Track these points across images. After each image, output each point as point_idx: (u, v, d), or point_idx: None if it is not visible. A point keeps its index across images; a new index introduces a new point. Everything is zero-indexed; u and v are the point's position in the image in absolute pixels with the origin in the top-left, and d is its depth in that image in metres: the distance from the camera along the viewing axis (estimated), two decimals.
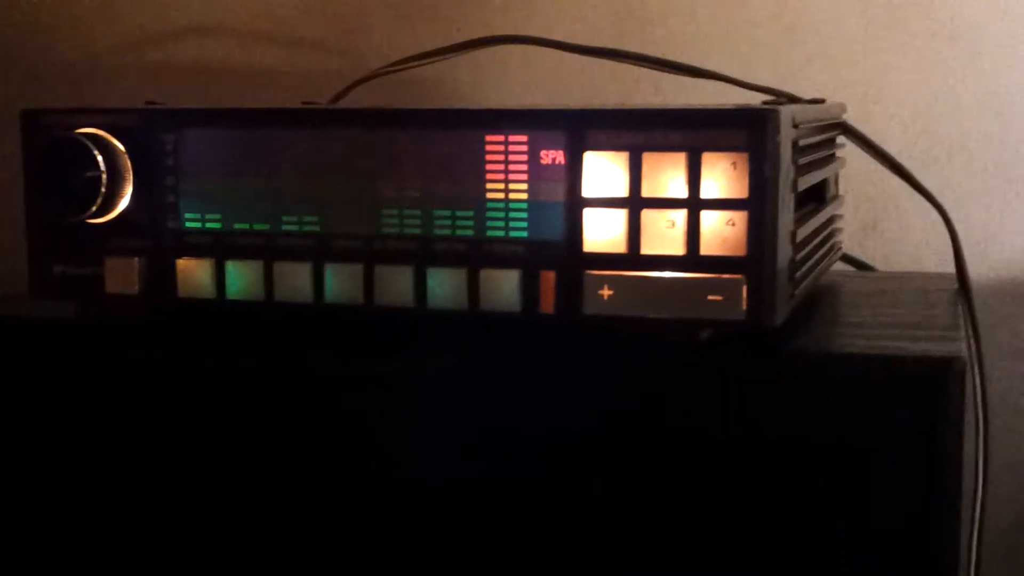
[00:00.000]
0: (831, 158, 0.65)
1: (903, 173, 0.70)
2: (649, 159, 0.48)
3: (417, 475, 0.52)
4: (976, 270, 0.90)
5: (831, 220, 0.66)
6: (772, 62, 0.88)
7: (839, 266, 0.75)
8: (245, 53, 0.96)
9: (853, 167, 0.76)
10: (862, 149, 0.70)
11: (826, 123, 0.61)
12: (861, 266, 0.78)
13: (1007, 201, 0.89)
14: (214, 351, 0.54)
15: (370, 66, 0.78)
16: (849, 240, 0.87)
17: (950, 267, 0.68)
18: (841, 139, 0.69)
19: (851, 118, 0.70)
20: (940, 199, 0.70)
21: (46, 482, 0.56)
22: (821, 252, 0.61)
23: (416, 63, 0.75)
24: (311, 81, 0.94)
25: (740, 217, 0.47)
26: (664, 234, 0.48)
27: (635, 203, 0.48)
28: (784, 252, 0.49)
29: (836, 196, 0.68)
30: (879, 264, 0.84)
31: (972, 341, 0.61)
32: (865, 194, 0.90)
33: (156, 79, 0.96)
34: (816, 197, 0.62)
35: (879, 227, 0.91)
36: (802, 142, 0.52)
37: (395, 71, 0.78)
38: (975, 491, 0.59)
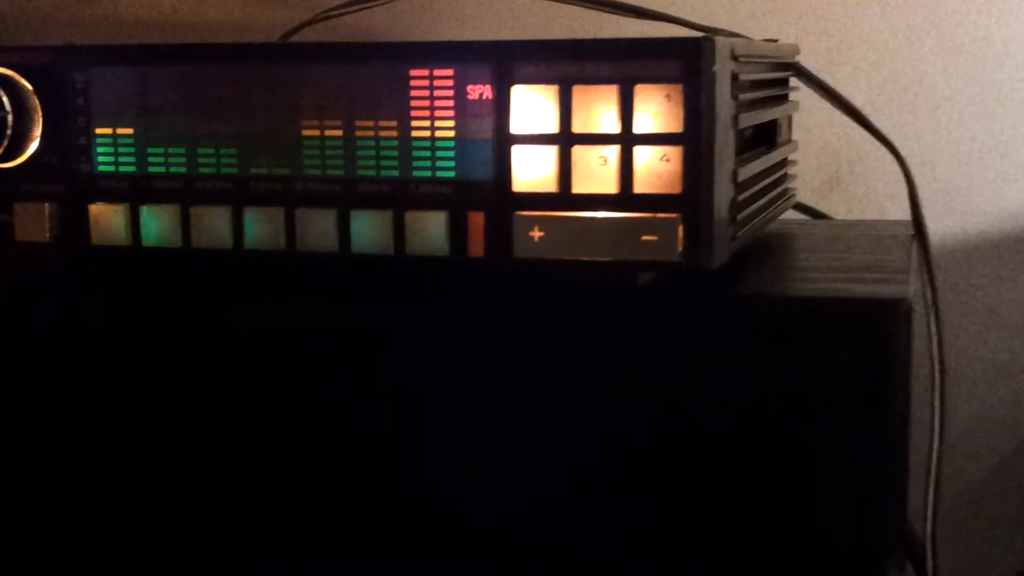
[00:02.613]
0: (782, 99, 0.63)
1: (858, 116, 0.67)
2: (579, 92, 0.45)
3: (342, 426, 0.50)
4: (941, 223, 0.88)
5: (782, 164, 0.63)
6: (730, 9, 0.86)
7: (796, 216, 0.73)
8: (185, 5, 0.93)
9: (814, 118, 0.74)
10: (817, 93, 0.67)
11: (776, 61, 0.59)
12: (817, 215, 0.76)
13: (973, 154, 0.87)
14: (129, 301, 0.52)
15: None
16: (811, 195, 0.85)
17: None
18: (795, 83, 0.67)
19: (813, 68, 0.67)
20: (905, 153, 0.68)
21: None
22: (769, 196, 0.58)
23: (355, 8, 0.72)
24: (252, 34, 0.91)
25: (675, 152, 0.45)
26: (596, 172, 0.46)
27: (566, 139, 0.46)
28: (723, 190, 0.47)
29: (788, 141, 0.66)
30: (841, 218, 0.82)
31: (928, 289, 0.59)
32: (827, 147, 0.88)
33: (88, 34, 0.92)
34: (766, 140, 0.60)
35: (842, 182, 0.89)
36: (744, 77, 0.50)
37: (337, 15, 0.75)
38: (931, 439, 0.57)
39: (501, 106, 0.46)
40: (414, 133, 0.48)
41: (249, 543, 0.52)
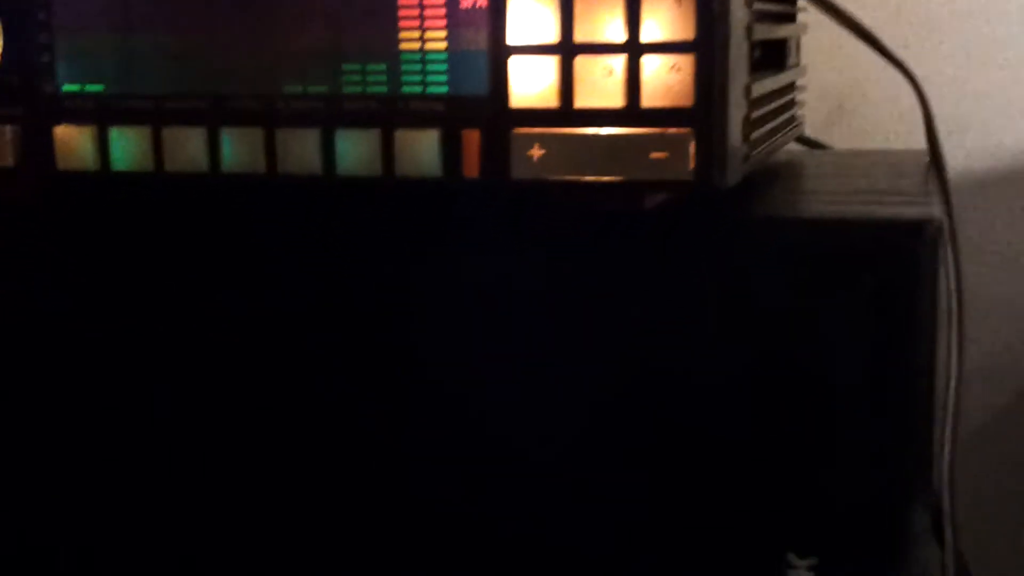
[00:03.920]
0: (791, 18, 0.59)
1: (871, 40, 0.64)
2: None
3: (327, 363, 0.47)
4: (951, 157, 0.85)
5: (791, 88, 0.60)
6: None
7: (800, 149, 0.69)
8: None
9: (816, 48, 0.70)
10: (826, 14, 0.64)
11: None
12: (817, 146, 0.72)
13: (985, 87, 0.84)
14: (99, 229, 0.48)
15: None
16: (813, 128, 0.82)
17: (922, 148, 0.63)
18: (802, 4, 0.64)
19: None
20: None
21: None
22: (780, 120, 0.55)
23: None
24: None
25: (686, 61, 0.41)
26: (601, 84, 0.42)
27: (567, 49, 0.42)
28: (738, 105, 0.43)
29: (797, 64, 0.63)
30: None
31: (944, 215, 0.56)
32: (830, 79, 0.85)
33: None
34: (775, 62, 0.57)
35: (845, 115, 0.86)
36: None
37: None
38: (948, 375, 0.54)
39: (496, 14, 0.43)
40: (403, 46, 0.44)
41: (243, 513, 0.49)
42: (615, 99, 0.42)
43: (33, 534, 0.51)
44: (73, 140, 0.47)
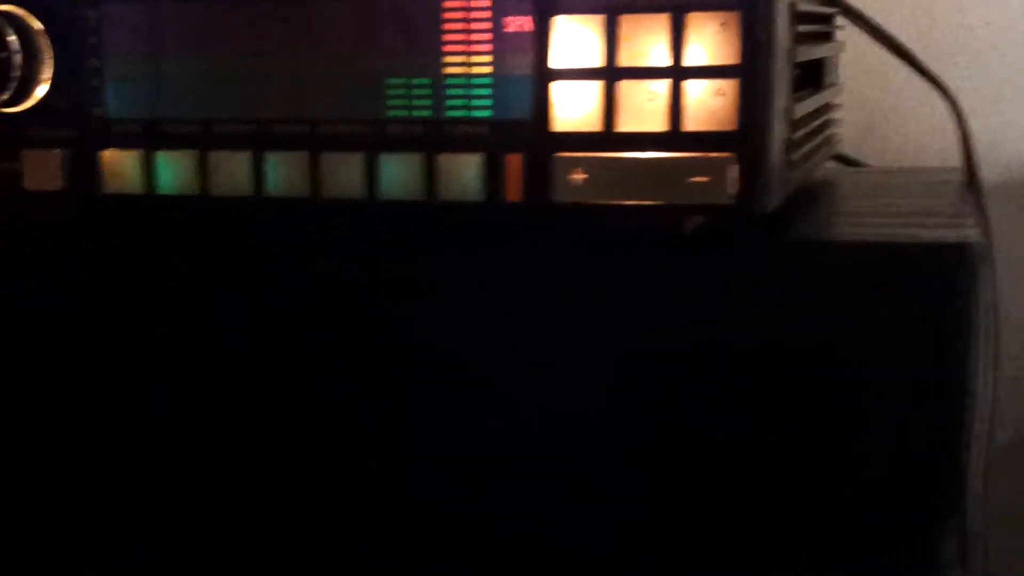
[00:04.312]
0: (830, 37, 0.59)
1: (908, 57, 0.64)
2: (627, 22, 0.42)
3: (369, 383, 0.47)
4: (987, 171, 0.85)
5: (829, 107, 0.60)
6: None
7: (835, 167, 0.69)
8: None
9: (851, 64, 0.70)
10: (865, 31, 0.64)
11: None
12: (855, 164, 0.72)
13: (1016, 100, 0.83)
14: (144, 252, 0.49)
15: None
16: (847, 143, 0.82)
17: (956, 165, 0.63)
18: (840, 22, 0.64)
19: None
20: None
21: None
22: (818, 140, 0.55)
23: None
24: None
25: (730, 86, 0.42)
26: (644, 108, 0.43)
27: (611, 74, 0.43)
28: (780, 129, 0.43)
29: (835, 83, 0.63)
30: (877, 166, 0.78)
31: (983, 237, 0.56)
32: (865, 94, 0.84)
33: None
34: (813, 81, 0.57)
35: (879, 129, 0.86)
36: (801, 7, 0.46)
37: None
38: (983, 395, 0.54)
39: (541, 39, 0.43)
40: (447, 70, 0.45)
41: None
42: (658, 123, 0.42)
43: (36, 539, 0.51)
44: (120, 164, 0.48)
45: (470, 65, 0.44)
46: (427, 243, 0.46)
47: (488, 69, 0.44)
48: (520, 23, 0.44)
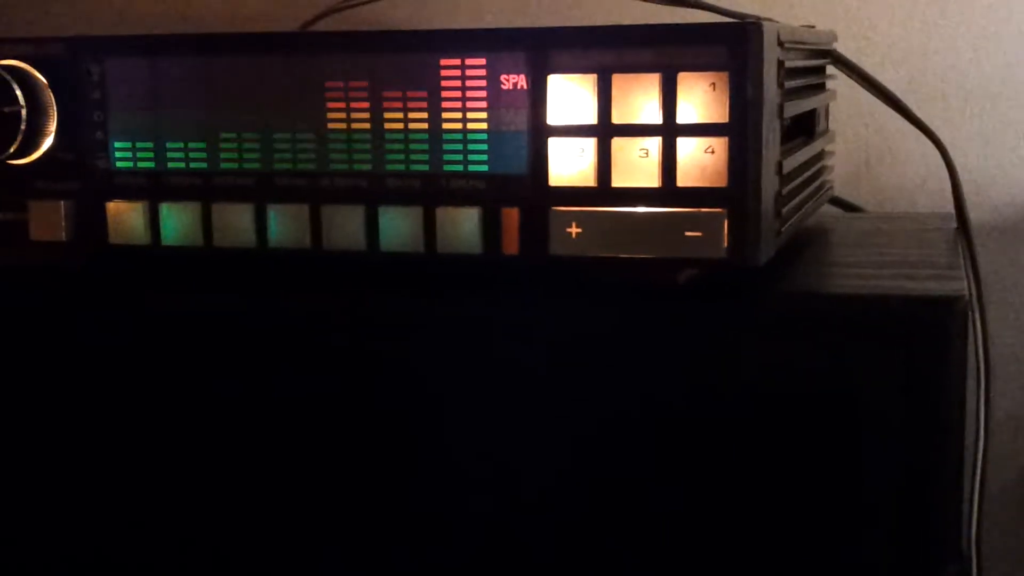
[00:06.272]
0: (820, 88, 0.60)
1: (898, 106, 0.65)
2: (619, 81, 0.43)
3: (370, 430, 0.48)
4: (976, 214, 0.86)
5: (821, 156, 0.61)
6: None
7: (828, 209, 0.70)
8: None
9: (843, 107, 0.71)
10: (855, 81, 0.65)
11: (815, 48, 0.57)
12: (851, 208, 0.73)
13: (1007, 142, 0.84)
14: (149, 302, 0.50)
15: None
16: (839, 185, 0.83)
17: (949, 209, 0.64)
18: (831, 71, 0.65)
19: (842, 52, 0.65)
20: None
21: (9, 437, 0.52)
22: (810, 189, 0.56)
23: None
24: (267, 25, 0.89)
25: (720, 144, 0.43)
26: (637, 164, 0.44)
27: (605, 131, 0.44)
28: (769, 183, 0.44)
29: (826, 131, 0.64)
30: (871, 209, 0.79)
31: (973, 283, 0.56)
32: (856, 136, 0.86)
33: (95, 27, 0.91)
34: (805, 130, 0.58)
35: (871, 170, 0.87)
36: (789, 64, 0.48)
37: (359, 5, 0.73)
38: (976, 442, 0.55)
39: (536, 96, 0.44)
40: (445, 125, 0.46)
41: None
42: (651, 179, 0.43)
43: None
44: (125, 215, 0.49)
45: (467, 121, 0.45)
46: (426, 294, 0.47)
47: (484, 125, 0.45)
48: (515, 80, 0.45)
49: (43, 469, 0.51)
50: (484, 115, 0.45)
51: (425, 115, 0.46)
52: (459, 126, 0.46)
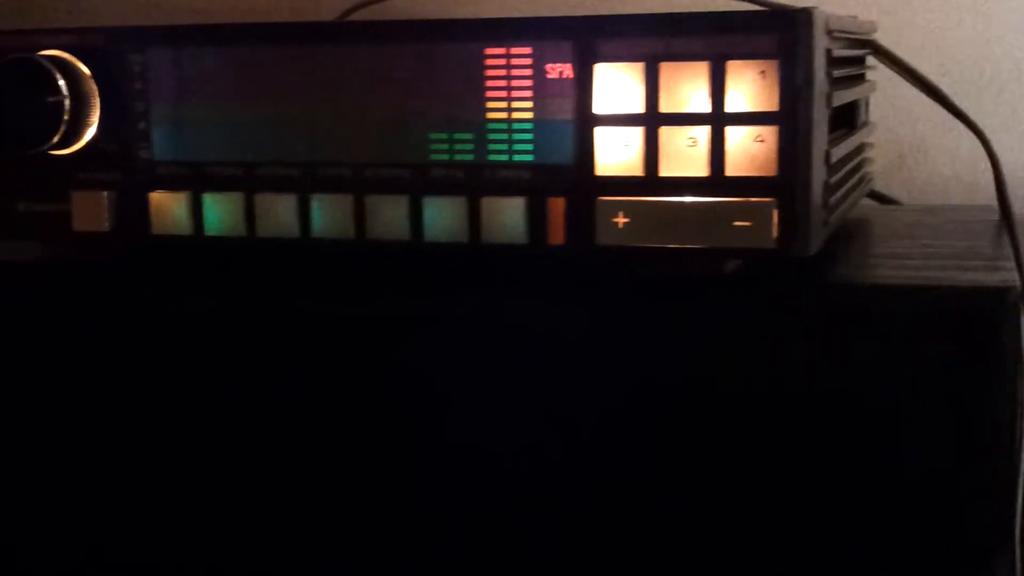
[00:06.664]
0: (861, 79, 0.60)
1: (940, 97, 0.64)
2: (667, 70, 0.43)
3: (411, 422, 0.48)
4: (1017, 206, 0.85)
5: (862, 147, 0.61)
6: None
7: (865, 202, 0.70)
8: None
9: (875, 99, 0.71)
10: (896, 72, 0.64)
11: (858, 38, 0.56)
12: (888, 201, 0.73)
13: None
14: (192, 292, 0.50)
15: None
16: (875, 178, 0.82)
17: (983, 201, 0.63)
18: (871, 62, 0.64)
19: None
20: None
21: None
22: (853, 180, 0.56)
23: None
24: (300, 16, 0.89)
25: (770, 132, 0.42)
26: (685, 154, 0.43)
27: (652, 120, 0.43)
28: (818, 173, 0.44)
29: (867, 122, 0.63)
30: (907, 202, 0.79)
31: (1018, 274, 0.56)
32: (889, 129, 0.85)
33: (148, 19, 0.91)
34: (847, 122, 0.57)
35: (905, 163, 0.86)
36: (836, 53, 0.47)
37: None
38: (1020, 442, 0.54)
39: (582, 85, 0.44)
40: (490, 115, 0.45)
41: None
42: (699, 168, 0.43)
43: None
44: (167, 205, 0.49)
45: (512, 110, 0.45)
46: (472, 284, 0.47)
47: (529, 115, 0.45)
48: (561, 69, 0.44)
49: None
50: (529, 104, 0.45)
51: (470, 105, 0.45)
52: (504, 116, 0.45)
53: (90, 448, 0.51)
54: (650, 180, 0.44)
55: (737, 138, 0.42)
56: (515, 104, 0.45)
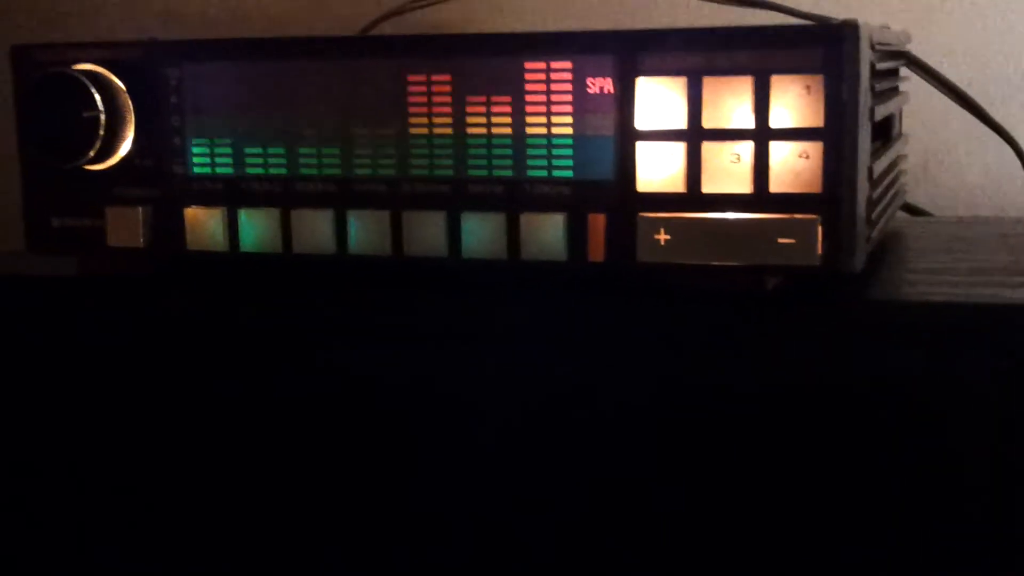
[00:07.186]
0: (896, 90, 0.59)
1: (972, 107, 0.64)
2: (710, 84, 0.42)
3: (447, 441, 0.47)
4: None
5: (898, 160, 0.60)
6: None
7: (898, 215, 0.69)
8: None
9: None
10: (932, 84, 0.64)
11: (894, 50, 0.56)
12: (917, 212, 0.72)
13: None
14: (226, 308, 0.49)
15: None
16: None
17: (1012, 211, 0.63)
18: (903, 72, 0.64)
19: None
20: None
21: (47, 449, 0.52)
22: (891, 194, 0.55)
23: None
24: (321, 29, 0.88)
25: (815, 148, 0.42)
26: (728, 170, 0.43)
27: (695, 135, 0.43)
28: (863, 189, 0.44)
29: (900, 134, 0.63)
30: (932, 211, 0.78)
31: None
32: (915, 139, 0.84)
33: (164, 30, 0.90)
34: (882, 134, 0.57)
35: (929, 174, 0.86)
36: (878, 66, 0.47)
37: (420, 7, 0.73)
38: None
39: (624, 100, 0.44)
40: (529, 130, 0.45)
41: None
42: (743, 185, 0.43)
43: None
44: (202, 221, 0.49)
45: (551, 125, 0.45)
46: (509, 301, 0.47)
47: (569, 130, 0.45)
48: (601, 84, 0.44)
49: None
50: (569, 119, 0.44)
51: (508, 119, 0.45)
52: (543, 131, 0.45)
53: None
54: (692, 196, 0.43)
55: (781, 154, 0.42)
56: (554, 119, 0.45)
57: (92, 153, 0.48)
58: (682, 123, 0.43)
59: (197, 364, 0.49)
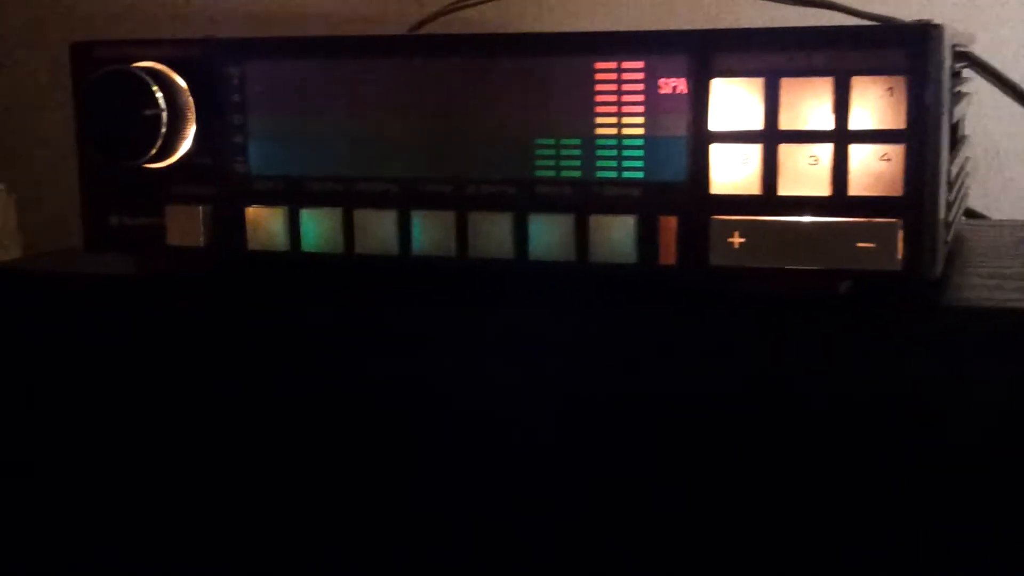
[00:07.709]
0: (963, 92, 0.58)
1: None
2: (788, 85, 0.42)
3: (517, 444, 0.47)
4: None
5: (966, 162, 0.59)
6: None
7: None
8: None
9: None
10: (995, 85, 0.63)
11: (963, 51, 0.55)
12: (975, 215, 0.71)
13: None
14: (288, 309, 0.49)
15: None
16: None
17: None
18: (966, 74, 0.63)
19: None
20: None
21: (102, 447, 0.51)
22: (961, 196, 0.54)
23: None
24: (373, 28, 0.88)
25: (896, 151, 0.41)
26: (806, 172, 0.42)
27: (771, 137, 0.42)
28: (943, 193, 0.43)
29: (966, 136, 0.62)
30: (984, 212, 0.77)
31: None
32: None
33: (212, 28, 0.90)
34: (952, 139, 0.56)
35: (979, 175, 0.84)
36: (955, 68, 0.46)
37: (467, 6, 0.72)
38: None
39: (698, 101, 0.43)
40: (599, 131, 0.44)
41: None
42: (821, 188, 0.42)
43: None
44: (264, 220, 0.48)
45: (622, 126, 0.44)
46: (578, 305, 0.46)
47: (641, 131, 0.44)
48: (675, 84, 0.43)
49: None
50: (641, 120, 0.44)
51: (578, 120, 0.44)
52: (614, 131, 0.44)
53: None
54: (768, 199, 0.42)
55: (862, 157, 0.41)
56: (625, 119, 0.44)
57: (153, 151, 0.48)
58: (758, 124, 0.42)
59: (255, 364, 0.49)
